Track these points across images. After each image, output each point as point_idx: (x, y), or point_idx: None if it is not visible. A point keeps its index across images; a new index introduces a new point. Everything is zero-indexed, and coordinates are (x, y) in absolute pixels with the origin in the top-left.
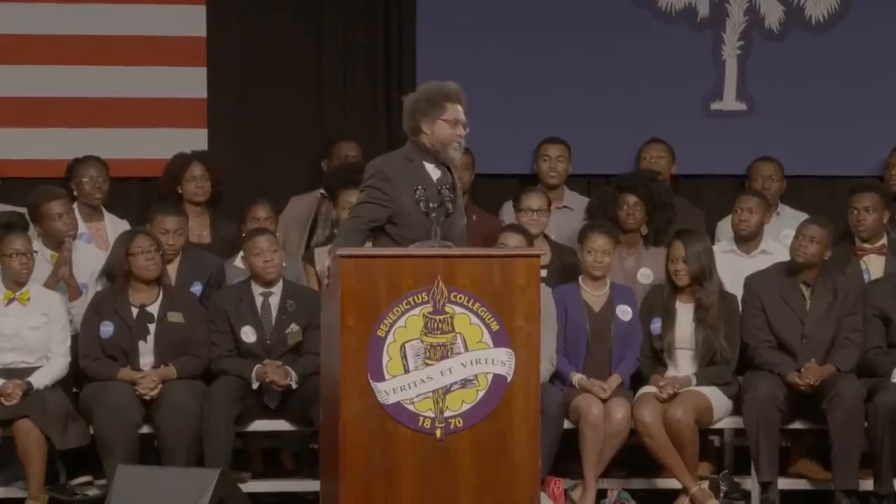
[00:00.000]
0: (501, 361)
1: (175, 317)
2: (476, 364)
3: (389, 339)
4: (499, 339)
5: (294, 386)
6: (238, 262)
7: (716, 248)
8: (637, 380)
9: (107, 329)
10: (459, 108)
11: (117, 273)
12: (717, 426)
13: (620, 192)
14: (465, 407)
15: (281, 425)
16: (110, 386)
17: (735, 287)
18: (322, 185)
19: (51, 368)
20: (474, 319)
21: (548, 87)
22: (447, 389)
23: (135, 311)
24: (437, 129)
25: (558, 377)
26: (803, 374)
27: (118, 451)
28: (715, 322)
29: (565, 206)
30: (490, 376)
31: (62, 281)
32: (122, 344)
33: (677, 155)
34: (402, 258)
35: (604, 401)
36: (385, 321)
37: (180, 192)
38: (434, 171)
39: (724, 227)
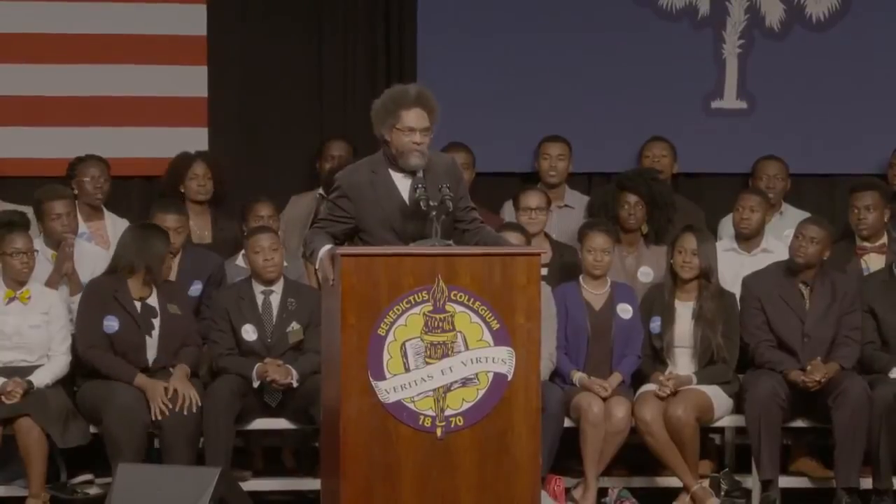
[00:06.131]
0: (502, 360)
1: (174, 308)
2: (476, 363)
3: (390, 337)
4: (499, 338)
5: (295, 384)
6: (240, 260)
7: (717, 246)
8: (638, 378)
9: (111, 324)
10: (416, 113)
11: (141, 266)
12: (717, 424)
13: (621, 191)
14: (466, 405)
15: (282, 424)
16: (117, 385)
17: (737, 285)
18: (320, 186)
19: (51, 367)
20: (475, 318)
21: (548, 86)
22: (448, 388)
23: (138, 305)
24: (395, 139)
25: (559, 375)
26: (810, 371)
27: (127, 450)
28: (713, 320)
29: (566, 205)
30: (490, 375)
31: (65, 277)
32: (130, 339)
33: (678, 153)
34: (402, 257)
35: (604, 399)
36: (385, 320)
37: (182, 190)
38: (402, 181)
39: (726, 225)
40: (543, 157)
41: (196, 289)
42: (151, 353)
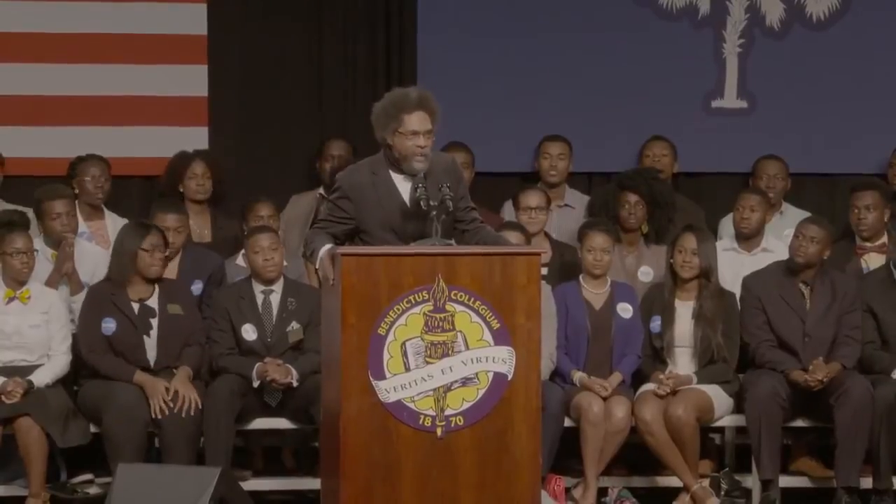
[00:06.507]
0: (502, 359)
1: (175, 308)
2: (477, 362)
3: (390, 337)
4: (499, 338)
5: (295, 384)
6: (240, 260)
7: (717, 246)
8: (638, 378)
9: (109, 325)
10: (419, 116)
11: (117, 274)
12: (717, 424)
13: (622, 190)
14: (466, 405)
15: (282, 423)
16: (117, 384)
17: (737, 285)
18: (320, 186)
19: (52, 367)
20: (475, 317)
21: (548, 86)
22: (448, 388)
23: (135, 306)
24: (398, 142)
25: (559, 375)
26: (812, 371)
27: (128, 449)
28: (713, 320)
29: (566, 205)
30: (491, 374)
31: (65, 277)
32: (128, 340)
33: (678, 153)
34: (402, 256)
35: (604, 399)
36: (386, 319)
37: (181, 190)
38: (402, 182)
39: (727, 224)
40: (544, 156)
41: (196, 288)
42: (151, 354)
